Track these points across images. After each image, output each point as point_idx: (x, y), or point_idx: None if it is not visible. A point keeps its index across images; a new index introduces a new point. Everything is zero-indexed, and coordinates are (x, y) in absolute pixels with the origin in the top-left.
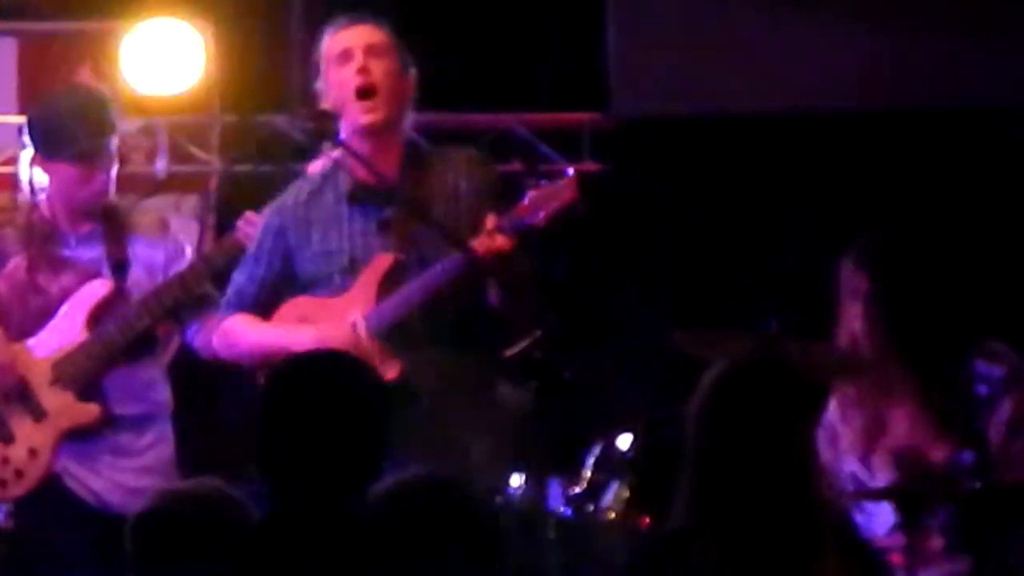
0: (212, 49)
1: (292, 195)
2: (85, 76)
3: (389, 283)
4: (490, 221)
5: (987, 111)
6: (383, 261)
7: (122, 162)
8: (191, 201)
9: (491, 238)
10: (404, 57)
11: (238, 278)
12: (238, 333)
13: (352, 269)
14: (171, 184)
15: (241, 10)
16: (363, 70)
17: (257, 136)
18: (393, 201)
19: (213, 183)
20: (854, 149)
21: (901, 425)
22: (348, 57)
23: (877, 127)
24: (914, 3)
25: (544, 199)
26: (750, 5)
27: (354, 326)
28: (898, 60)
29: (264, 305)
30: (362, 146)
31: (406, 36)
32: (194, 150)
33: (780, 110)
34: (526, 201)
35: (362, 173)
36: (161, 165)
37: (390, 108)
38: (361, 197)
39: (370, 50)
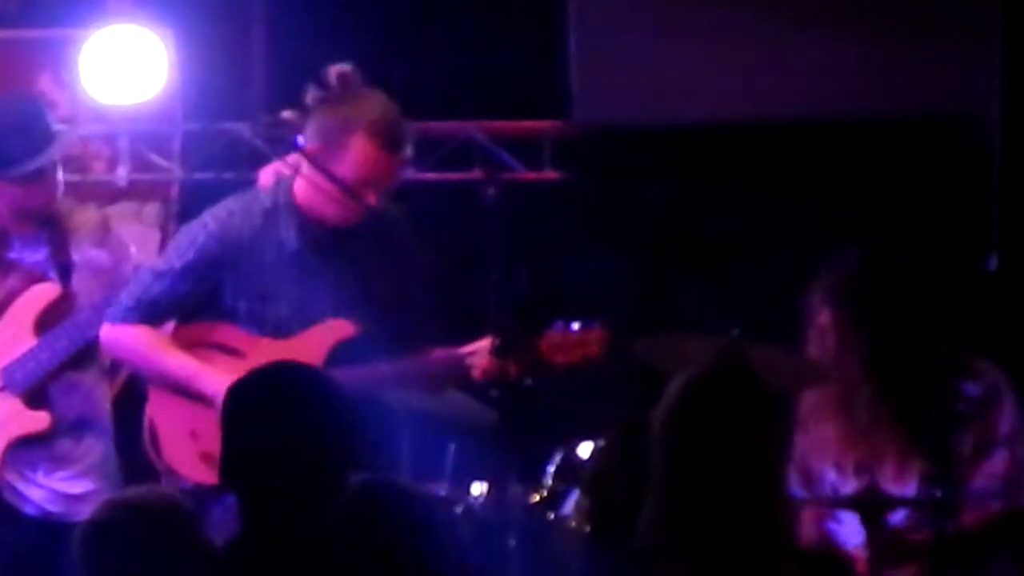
0: (174, 57)
1: (234, 228)
2: (45, 84)
3: (340, 350)
4: (498, 341)
5: (947, 117)
6: (343, 329)
7: (83, 170)
8: (152, 209)
9: (494, 363)
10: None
11: (155, 287)
12: (157, 349)
13: (290, 319)
14: (132, 192)
15: (203, 17)
16: (376, 201)
17: (219, 144)
18: (337, 255)
19: (174, 191)
20: (817, 156)
21: (887, 434)
22: (371, 186)
23: (840, 134)
24: (876, 11)
25: (568, 346)
26: (711, 13)
27: None
28: (860, 67)
29: (167, 320)
30: (308, 201)
31: (367, 45)
32: (155, 158)
33: (741, 118)
34: (548, 339)
35: (307, 218)
36: (122, 173)
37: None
38: (305, 249)
39: (387, 187)
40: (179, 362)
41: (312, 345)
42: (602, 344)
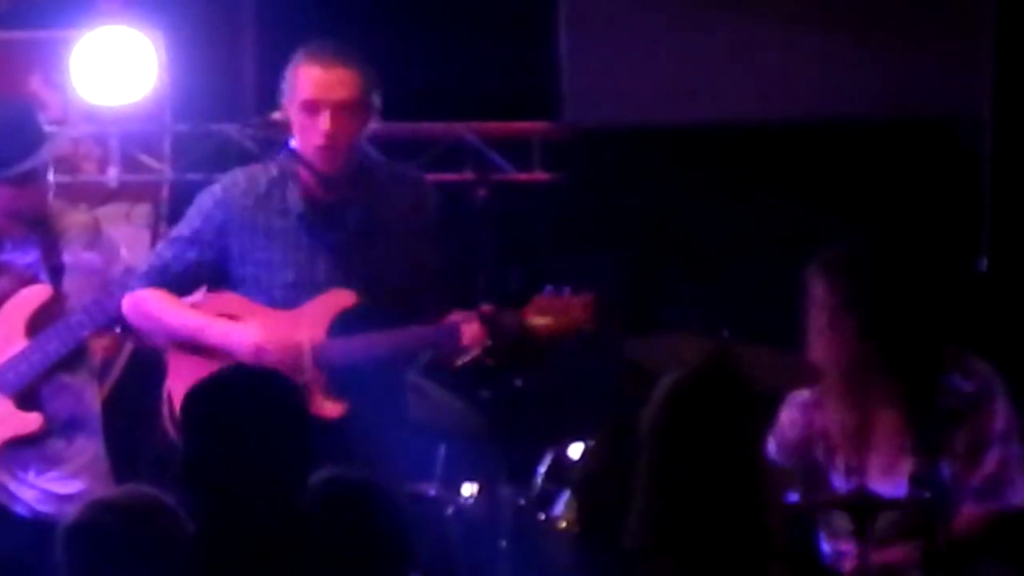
0: (163, 58)
1: (238, 194)
2: (36, 85)
3: (343, 319)
4: (486, 308)
5: (938, 120)
6: (344, 297)
7: (73, 171)
8: (143, 210)
9: (483, 327)
10: (372, 97)
11: (165, 253)
12: (165, 308)
13: (296, 285)
14: (122, 193)
15: (193, 19)
16: (329, 134)
17: (209, 145)
18: (343, 223)
19: (165, 192)
20: (808, 158)
21: (880, 429)
22: (316, 110)
23: (832, 136)
24: (868, 13)
25: (553, 312)
26: (701, 14)
27: (299, 347)
28: (852, 69)
29: (182, 288)
30: (311, 175)
31: (358, 47)
32: (145, 159)
33: (731, 120)
34: (533, 306)
35: (312, 188)
36: (112, 174)
37: (348, 158)
38: (311, 213)
39: (339, 108)
40: (186, 317)
41: (315, 315)
42: (589, 311)
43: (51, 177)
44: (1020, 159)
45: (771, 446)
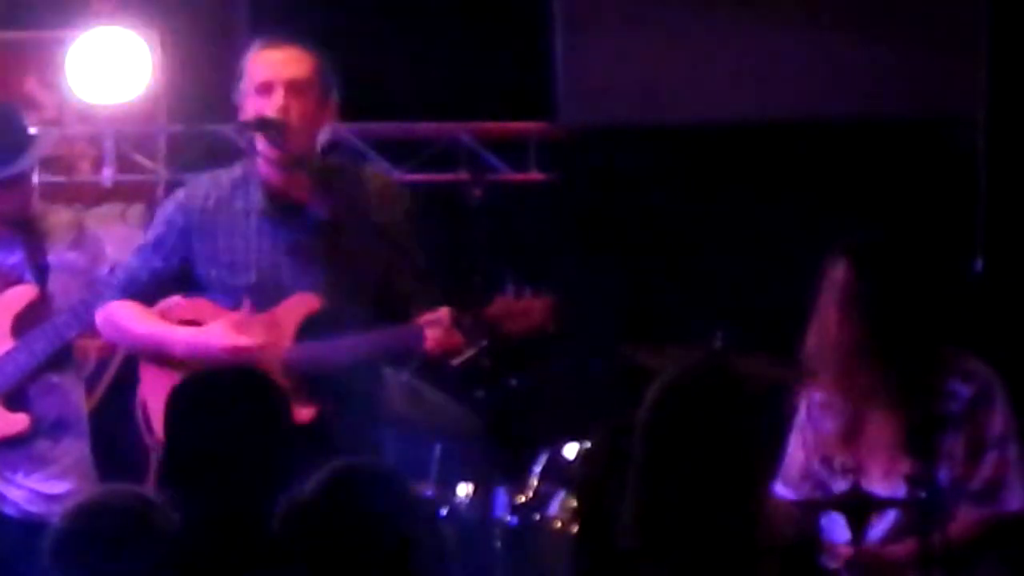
0: (159, 58)
1: (200, 197)
2: (32, 86)
3: (313, 323)
4: (445, 315)
5: (933, 120)
6: (310, 302)
7: (68, 171)
8: (137, 210)
9: (447, 334)
10: (327, 84)
11: (132, 263)
12: (130, 319)
13: (259, 287)
14: (117, 193)
15: (187, 19)
16: (281, 108)
17: (204, 145)
18: (305, 223)
19: (159, 192)
20: (803, 159)
21: (877, 431)
22: (268, 90)
23: (827, 137)
24: (863, 14)
25: (514, 315)
26: (697, 15)
27: (264, 352)
28: (847, 70)
29: (152, 296)
30: (271, 169)
31: (353, 47)
32: (140, 159)
33: (727, 120)
34: (495, 308)
35: (275, 186)
36: (107, 174)
37: (302, 143)
38: (273, 210)
39: (291, 87)
40: (148, 330)
41: (282, 320)
42: (547, 314)
43: (36, 178)
44: (1015, 160)
45: (778, 486)
